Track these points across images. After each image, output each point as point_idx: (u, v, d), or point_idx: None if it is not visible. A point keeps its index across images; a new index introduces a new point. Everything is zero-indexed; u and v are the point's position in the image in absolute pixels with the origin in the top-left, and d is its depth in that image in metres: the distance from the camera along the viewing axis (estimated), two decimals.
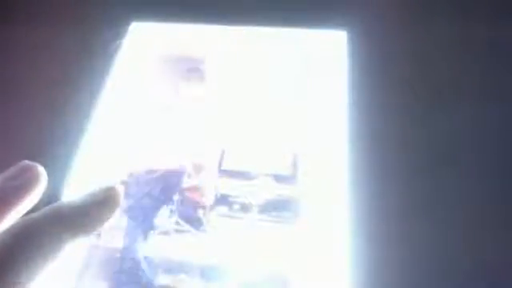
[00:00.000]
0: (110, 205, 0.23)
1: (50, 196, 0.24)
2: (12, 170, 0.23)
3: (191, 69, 0.44)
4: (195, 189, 0.37)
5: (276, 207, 0.36)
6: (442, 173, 0.37)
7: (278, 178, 0.37)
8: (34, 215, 0.21)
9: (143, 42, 0.45)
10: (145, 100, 0.42)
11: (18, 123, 0.43)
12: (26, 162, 0.23)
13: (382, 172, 0.37)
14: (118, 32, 0.45)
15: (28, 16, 0.51)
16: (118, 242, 0.35)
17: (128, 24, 0.46)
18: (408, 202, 0.36)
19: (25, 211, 0.23)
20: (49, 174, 0.24)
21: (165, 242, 0.35)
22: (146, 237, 0.35)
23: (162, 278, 0.33)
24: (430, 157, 0.38)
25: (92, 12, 0.49)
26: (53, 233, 0.20)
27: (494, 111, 0.40)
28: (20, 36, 0.49)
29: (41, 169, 0.23)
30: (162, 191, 0.37)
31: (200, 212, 0.36)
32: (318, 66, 0.42)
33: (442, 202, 0.36)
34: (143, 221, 0.36)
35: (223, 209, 0.36)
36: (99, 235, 0.35)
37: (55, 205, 0.22)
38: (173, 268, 0.34)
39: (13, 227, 0.20)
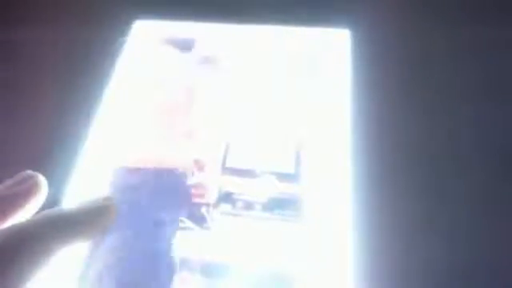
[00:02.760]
0: (104, 214, 0.23)
1: (52, 199, 0.24)
2: (14, 179, 0.23)
3: (194, 67, 0.44)
4: (198, 186, 0.37)
5: (279, 205, 0.36)
6: (443, 171, 0.37)
7: (282, 176, 0.37)
8: (26, 222, 0.21)
9: (147, 40, 0.45)
10: (148, 99, 0.42)
11: (19, 124, 0.43)
12: (29, 171, 0.23)
13: (385, 170, 0.37)
14: (121, 30, 0.45)
15: (30, 15, 0.51)
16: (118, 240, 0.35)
17: (132, 22, 0.46)
18: (410, 200, 0.36)
19: (23, 220, 0.22)
20: (51, 175, 0.24)
21: None
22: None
23: None
24: (431, 155, 0.38)
25: (95, 10, 0.49)
26: (43, 240, 0.20)
27: (496, 111, 0.40)
28: (22, 36, 0.49)
29: (42, 178, 0.23)
30: (161, 190, 0.37)
31: (203, 209, 0.36)
32: (321, 65, 0.42)
33: (443, 198, 0.36)
34: (144, 219, 0.36)
35: (226, 206, 0.36)
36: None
37: (48, 211, 0.22)
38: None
39: (3, 233, 0.20)
